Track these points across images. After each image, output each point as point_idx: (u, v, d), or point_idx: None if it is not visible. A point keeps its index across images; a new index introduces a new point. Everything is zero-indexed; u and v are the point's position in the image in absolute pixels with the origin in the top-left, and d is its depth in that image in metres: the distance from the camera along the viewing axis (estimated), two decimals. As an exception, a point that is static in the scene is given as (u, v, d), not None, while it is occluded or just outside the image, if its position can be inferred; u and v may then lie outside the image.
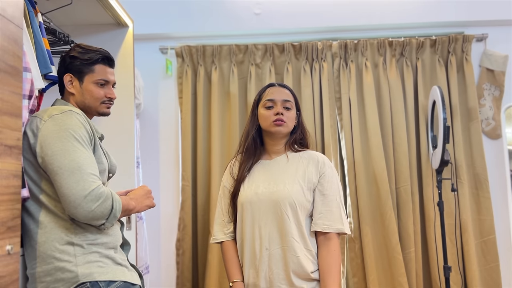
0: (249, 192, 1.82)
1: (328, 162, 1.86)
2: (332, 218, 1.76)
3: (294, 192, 1.76)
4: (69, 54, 1.64)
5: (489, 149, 3.06)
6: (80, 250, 1.46)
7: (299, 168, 1.83)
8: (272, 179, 1.83)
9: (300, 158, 1.86)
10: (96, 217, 1.41)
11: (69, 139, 1.44)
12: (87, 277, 1.43)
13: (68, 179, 1.40)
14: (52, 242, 1.44)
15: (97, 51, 1.65)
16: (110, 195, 1.45)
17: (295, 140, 1.91)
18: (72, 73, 1.62)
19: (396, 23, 3.14)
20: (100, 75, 1.64)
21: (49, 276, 1.43)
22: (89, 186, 1.40)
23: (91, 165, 1.45)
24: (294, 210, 1.75)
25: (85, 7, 2.27)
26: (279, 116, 1.82)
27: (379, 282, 2.88)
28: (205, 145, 3.09)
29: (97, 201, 1.40)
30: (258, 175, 1.86)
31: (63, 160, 1.41)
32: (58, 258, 1.43)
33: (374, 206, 2.94)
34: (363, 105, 3.04)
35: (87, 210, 1.39)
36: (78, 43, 1.70)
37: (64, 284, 1.42)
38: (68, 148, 1.43)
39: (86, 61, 1.62)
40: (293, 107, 1.88)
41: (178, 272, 2.99)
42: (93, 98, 1.63)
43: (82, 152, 1.45)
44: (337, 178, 1.85)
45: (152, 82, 3.21)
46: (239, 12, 3.17)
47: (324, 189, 1.79)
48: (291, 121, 1.87)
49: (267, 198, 1.78)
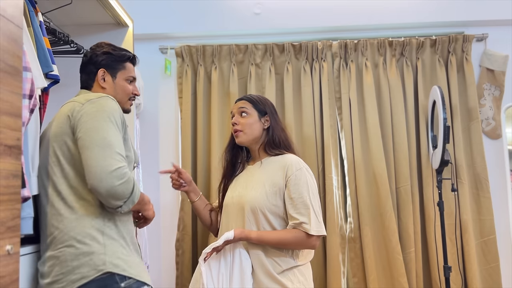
0: (228, 195, 1.98)
1: (296, 165, 1.88)
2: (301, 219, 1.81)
3: (256, 197, 1.85)
4: (100, 51, 1.71)
5: (489, 149, 3.06)
6: (109, 240, 1.49)
7: (269, 172, 1.90)
8: (246, 184, 1.93)
9: (274, 163, 1.93)
10: (117, 194, 1.45)
11: (105, 119, 1.50)
12: (114, 268, 1.46)
13: (97, 153, 1.44)
14: (83, 228, 1.48)
15: (126, 50, 1.77)
16: (132, 179, 1.49)
17: (269, 144, 1.95)
18: (105, 68, 1.70)
19: (396, 23, 3.14)
20: (129, 72, 1.75)
21: (76, 260, 1.45)
22: (116, 163, 1.45)
23: (120, 146, 1.50)
24: (255, 213, 1.84)
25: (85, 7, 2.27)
26: (234, 126, 1.96)
27: (379, 282, 2.88)
28: (205, 145, 3.09)
29: (121, 179, 1.44)
30: (240, 180, 1.99)
31: (95, 136, 1.47)
32: (88, 244, 1.46)
33: (374, 206, 2.94)
34: (363, 105, 3.04)
35: (111, 185, 1.42)
36: (102, 41, 1.78)
37: (90, 271, 1.44)
38: (103, 126, 1.49)
39: (120, 58, 1.72)
40: (251, 113, 1.95)
41: (178, 272, 2.99)
42: (124, 93, 1.73)
43: (114, 132, 1.50)
44: (306, 180, 1.87)
45: (152, 82, 3.21)
46: (239, 12, 3.17)
47: (290, 192, 1.84)
48: (249, 127, 1.94)
49: (236, 201, 1.91)
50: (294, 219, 1.81)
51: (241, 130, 1.93)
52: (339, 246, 2.90)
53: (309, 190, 1.84)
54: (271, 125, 1.96)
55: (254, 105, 1.96)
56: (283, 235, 1.81)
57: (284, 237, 1.80)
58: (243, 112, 1.95)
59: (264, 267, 1.79)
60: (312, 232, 1.79)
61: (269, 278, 1.79)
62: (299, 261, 1.86)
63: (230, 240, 1.77)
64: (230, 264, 1.79)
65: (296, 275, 1.83)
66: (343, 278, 2.91)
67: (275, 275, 1.79)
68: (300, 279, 1.83)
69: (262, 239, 1.80)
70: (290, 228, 1.82)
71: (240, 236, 1.78)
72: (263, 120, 1.96)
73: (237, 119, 1.95)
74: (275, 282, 1.78)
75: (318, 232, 1.81)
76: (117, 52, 1.73)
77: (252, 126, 1.93)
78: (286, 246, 1.82)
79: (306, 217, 1.80)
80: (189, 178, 2.09)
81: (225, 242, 1.77)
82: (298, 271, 1.85)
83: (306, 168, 1.90)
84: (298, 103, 3.07)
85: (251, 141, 1.95)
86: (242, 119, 1.94)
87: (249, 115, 1.94)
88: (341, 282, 2.86)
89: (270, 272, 1.79)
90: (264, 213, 1.82)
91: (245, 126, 1.93)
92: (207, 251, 1.76)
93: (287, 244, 1.81)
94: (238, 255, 1.80)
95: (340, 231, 2.95)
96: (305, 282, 1.85)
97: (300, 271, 1.86)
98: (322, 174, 2.99)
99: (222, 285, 1.75)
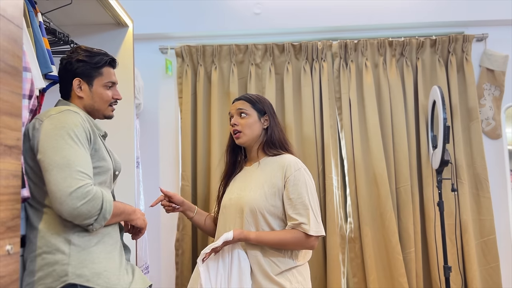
0: (226, 197, 1.96)
1: (294, 166, 1.87)
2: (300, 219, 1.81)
3: (255, 198, 1.83)
4: (75, 58, 1.63)
5: (489, 149, 3.06)
6: (76, 249, 1.45)
7: (267, 173, 1.90)
8: (244, 185, 1.92)
9: (273, 163, 1.91)
10: (82, 215, 1.40)
11: (63, 137, 1.44)
12: (77, 278, 1.42)
13: (56, 175, 1.40)
14: (49, 238, 1.44)
15: (102, 54, 1.67)
16: (100, 195, 1.43)
17: (268, 144, 1.94)
18: (81, 77, 1.63)
19: (396, 23, 3.14)
20: (108, 77, 1.67)
21: (41, 271, 1.43)
22: (76, 183, 1.39)
23: (81, 163, 1.43)
24: (255, 214, 1.83)
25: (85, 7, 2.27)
26: (234, 127, 1.94)
27: (379, 282, 2.88)
28: (205, 145, 3.09)
29: (83, 199, 1.39)
30: (237, 181, 1.98)
31: (54, 157, 1.42)
32: (53, 253, 1.43)
33: (374, 206, 2.94)
34: (363, 105, 3.04)
35: (72, 207, 1.38)
36: (78, 46, 1.70)
37: (53, 282, 1.41)
38: (61, 145, 1.43)
39: (95, 65, 1.64)
40: (251, 114, 1.93)
41: (178, 272, 2.99)
42: (102, 100, 1.65)
43: (74, 149, 1.44)
44: (305, 180, 1.86)
45: (152, 82, 3.21)
46: (239, 12, 3.17)
47: (289, 193, 1.84)
48: (249, 127, 1.92)
49: (235, 203, 1.89)
50: (293, 220, 1.81)
51: (241, 131, 1.92)
52: (339, 246, 2.90)
53: (308, 190, 1.84)
54: (270, 125, 1.95)
55: (253, 105, 1.95)
56: (282, 236, 1.81)
57: (283, 237, 1.80)
58: (242, 112, 1.93)
59: (263, 268, 1.79)
60: (311, 232, 1.79)
61: (267, 279, 1.78)
62: (298, 262, 1.86)
63: (229, 241, 1.77)
64: (229, 265, 1.79)
65: (295, 275, 1.83)
66: (343, 278, 2.91)
67: (274, 276, 1.78)
68: (298, 279, 1.83)
69: (261, 239, 1.79)
70: (289, 229, 1.82)
71: (239, 237, 1.78)
72: (263, 120, 1.95)
73: (237, 120, 1.94)
74: (273, 283, 1.77)
75: (317, 233, 1.81)
76: (92, 59, 1.63)
77: (252, 127, 1.92)
78: (285, 247, 1.82)
79: (305, 218, 1.80)
80: (180, 199, 2.03)
81: (224, 242, 1.76)
82: (297, 271, 1.85)
83: (304, 169, 1.90)
84: (298, 103, 3.07)
85: (251, 142, 1.95)
86: (242, 120, 1.93)
87: (248, 115, 1.93)
88: (341, 282, 2.86)
89: (268, 273, 1.78)
90: (263, 214, 1.82)
91: (245, 127, 1.92)
92: (206, 251, 1.75)
93: (286, 245, 1.81)
94: (236, 256, 1.79)
95: (340, 231, 2.95)
96: (304, 282, 1.85)
97: (299, 271, 1.86)
98: (322, 174, 2.99)
99: (220, 286, 1.75)
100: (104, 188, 1.56)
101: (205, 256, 1.76)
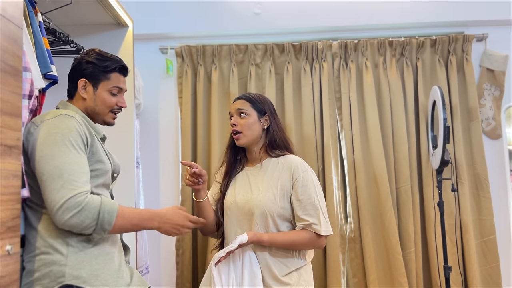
0: (230, 199, 1.93)
1: (301, 167, 1.87)
2: (311, 220, 1.81)
3: (265, 201, 1.82)
4: (85, 59, 1.63)
5: (489, 149, 3.06)
6: (74, 250, 1.44)
7: (274, 175, 1.88)
8: (250, 187, 1.90)
9: (277, 164, 1.90)
10: (76, 226, 1.38)
11: (57, 143, 1.42)
12: (74, 279, 1.41)
13: (49, 186, 1.38)
14: (48, 238, 1.43)
15: (114, 60, 1.66)
16: (96, 205, 1.40)
17: (271, 145, 1.93)
18: (87, 79, 1.62)
19: (396, 23, 3.14)
20: (114, 83, 1.64)
21: (38, 271, 1.42)
22: (68, 193, 1.36)
23: (75, 171, 1.40)
24: (265, 218, 1.82)
25: (85, 7, 2.27)
26: (233, 127, 1.92)
27: (379, 282, 2.88)
28: (205, 145, 3.09)
29: (73, 210, 1.36)
30: (240, 182, 1.95)
31: (47, 166, 1.40)
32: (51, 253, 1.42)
33: (374, 206, 2.94)
34: (363, 105, 3.04)
35: (61, 220, 1.36)
36: (93, 48, 1.69)
37: (50, 282, 1.40)
38: (54, 153, 1.41)
39: (104, 68, 1.62)
40: (250, 114, 1.91)
41: (178, 272, 2.99)
42: (104, 105, 1.63)
43: (68, 157, 1.41)
44: (313, 181, 1.86)
45: (152, 82, 3.21)
46: (239, 12, 3.17)
47: (298, 194, 1.83)
48: (248, 128, 1.90)
49: (243, 205, 1.87)
50: (303, 221, 1.81)
51: (240, 132, 1.90)
52: (339, 246, 2.90)
53: (316, 191, 1.85)
54: (270, 125, 1.93)
55: (253, 105, 1.93)
56: (294, 237, 1.81)
57: (295, 238, 1.80)
58: (242, 112, 1.91)
59: (271, 270, 1.79)
60: (322, 232, 1.80)
61: (275, 280, 1.78)
62: (305, 261, 1.87)
63: (243, 244, 1.75)
64: (240, 269, 1.78)
65: (302, 274, 1.84)
66: (343, 278, 2.91)
67: (281, 277, 1.79)
68: (305, 277, 1.85)
69: (274, 241, 1.79)
70: (299, 229, 1.82)
71: (252, 239, 1.76)
72: (263, 120, 1.93)
73: (236, 120, 1.92)
74: (282, 284, 1.78)
75: (327, 232, 1.83)
76: (102, 62, 1.62)
77: (252, 127, 1.90)
78: (297, 247, 1.82)
79: (316, 218, 1.80)
80: (206, 178, 1.96)
81: (239, 245, 1.74)
82: (304, 270, 1.86)
83: (311, 169, 1.91)
84: (298, 103, 3.07)
85: (251, 142, 1.93)
86: (241, 120, 1.91)
87: (248, 115, 1.91)
88: (341, 282, 2.86)
89: (276, 275, 1.79)
90: (273, 217, 1.82)
91: (245, 127, 1.90)
92: (221, 255, 1.72)
93: (298, 245, 1.81)
94: (248, 259, 1.78)
95: (340, 231, 2.95)
96: (310, 282, 1.87)
97: (306, 270, 1.87)
98: (322, 174, 2.99)
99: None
100: (103, 190, 1.55)
101: (219, 259, 1.74)
